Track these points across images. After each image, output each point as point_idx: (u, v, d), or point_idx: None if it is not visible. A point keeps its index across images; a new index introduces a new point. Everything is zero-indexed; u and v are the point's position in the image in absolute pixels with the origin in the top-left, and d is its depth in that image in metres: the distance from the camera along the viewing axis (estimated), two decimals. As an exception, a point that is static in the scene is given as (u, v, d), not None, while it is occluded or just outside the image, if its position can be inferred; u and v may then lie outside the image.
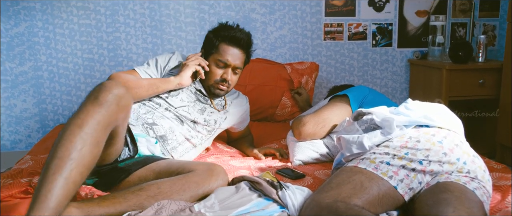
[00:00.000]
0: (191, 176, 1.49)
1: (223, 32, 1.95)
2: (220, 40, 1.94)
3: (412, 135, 1.50)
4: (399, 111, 1.64)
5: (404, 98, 3.26)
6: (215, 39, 1.95)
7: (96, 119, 1.29)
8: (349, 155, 1.55)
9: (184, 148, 1.87)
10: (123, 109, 1.38)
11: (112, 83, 1.38)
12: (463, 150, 1.47)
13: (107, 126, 1.33)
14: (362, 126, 1.65)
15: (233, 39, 1.93)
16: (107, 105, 1.32)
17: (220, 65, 1.94)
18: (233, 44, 1.93)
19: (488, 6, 3.27)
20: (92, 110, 1.30)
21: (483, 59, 2.94)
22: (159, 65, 1.99)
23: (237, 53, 1.94)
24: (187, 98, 1.94)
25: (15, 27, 2.85)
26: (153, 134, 1.78)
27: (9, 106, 2.93)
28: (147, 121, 1.80)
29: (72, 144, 1.23)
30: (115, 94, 1.35)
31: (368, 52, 3.22)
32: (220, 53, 1.93)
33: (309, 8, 3.09)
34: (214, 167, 1.56)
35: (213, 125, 1.99)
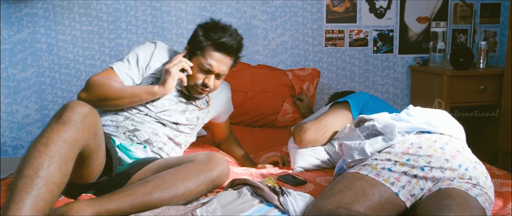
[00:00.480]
0: (192, 165, 1.52)
1: (213, 33, 1.77)
2: (208, 43, 1.77)
3: (413, 142, 1.50)
4: (401, 117, 1.65)
5: (405, 105, 3.26)
6: (203, 39, 1.78)
7: (61, 137, 1.27)
8: (351, 162, 1.55)
9: (169, 147, 1.85)
10: (89, 128, 1.35)
11: (76, 103, 1.36)
12: (465, 156, 1.47)
13: (75, 144, 1.30)
14: (364, 133, 1.66)
15: (221, 45, 1.77)
16: (72, 123, 1.30)
17: (203, 70, 1.78)
18: (221, 50, 1.78)
19: (489, 12, 3.28)
20: (56, 129, 1.28)
21: (484, 65, 2.95)
22: (141, 65, 1.82)
23: (223, 59, 1.79)
24: (168, 102, 1.83)
25: (18, 33, 2.86)
26: (137, 140, 1.75)
27: (11, 112, 2.94)
28: (128, 128, 1.74)
29: (39, 162, 1.20)
30: (80, 113, 1.33)
31: (369, 59, 3.22)
32: (205, 56, 1.77)
33: (310, 15, 3.10)
34: (212, 154, 1.58)
35: (195, 122, 1.92)
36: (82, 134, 1.32)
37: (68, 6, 2.88)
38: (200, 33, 1.79)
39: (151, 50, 1.84)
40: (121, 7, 2.93)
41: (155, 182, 1.43)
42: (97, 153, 1.46)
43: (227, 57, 1.80)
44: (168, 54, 1.87)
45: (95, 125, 1.39)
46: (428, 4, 3.20)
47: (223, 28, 1.80)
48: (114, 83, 1.72)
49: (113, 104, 1.72)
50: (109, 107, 1.74)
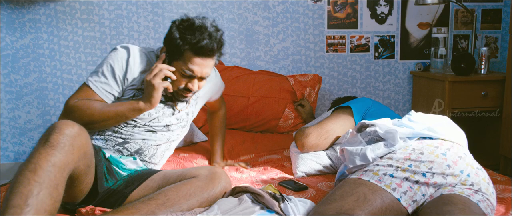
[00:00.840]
0: (195, 181, 1.48)
1: (189, 35, 1.59)
2: (186, 47, 1.60)
3: (415, 147, 1.50)
4: (402, 123, 1.65)
5: (406, 110, 3.26)
6: (181, 43, 1.60)
7: (50, 161, 1.22)
8: (352, 167, 1.55)
9: (161, 150, 1.80)
10: (79, 149, 1.30)
11: (64, 124, 1.30)
12: (467, 162, 1.47)
13: (64, 168, 1.25)
14: (365, 138, 1.66)
15: (201, 49, 1.60)
16: (61, 146, 1.25)
17: (184, 75, 1.64)
18: (201, 54, 1.61)
19: (490, 18, 3.28)
20: (44, 153, 1.23)
21: (485, 71, 2.95)
22: (118, 77, 1.65)
23: (205, 62, 1.64)
24: (154, 110, 1.72)
25: (20, 39, 2.88)
26: (127, 152, 1.70)
27: (13, 117, 2.95)
28: (117, 141, 1.68)
29: (28, 190, 1.15)
30: (68, 135, 1.28)
31: (370, 64, 3.23)
32: (185, 62, 1.62)
33: (311, 21, 3.11)
34: (215, 171, 1.55)
35: (186, 117, 1.84)
36: (71, 156, 1.28)
37: (70, 12, 2.89)
38: (177, 35, 1.61)
39: (125, 58, 1.67)
40: (123, 13, 2.94)
41: (158, 200, 1.41)
42: (86, 173, 1.43)
43: (209, 59, 1.65)
44: (145, 58, 1.71)
45: (85, 145, 1.34)
46: (429, 10, 3.20)
47: (200, 28, 1.61)
48: (95, 105, 1.59)
49: (98, 126, 1.63)
50: (95, 129, 1.65)
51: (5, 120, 2.95)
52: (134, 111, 1.62)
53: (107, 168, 1.63)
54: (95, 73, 1.67)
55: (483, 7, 3.26)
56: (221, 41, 1.67)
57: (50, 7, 2.87)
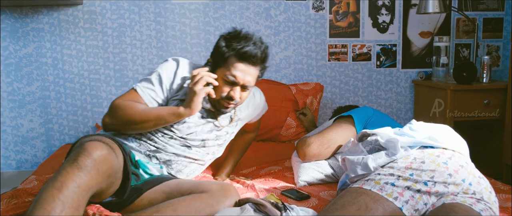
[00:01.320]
0: (205, 198, 1.47)
1: (235, 43, 1.66)
2: (231, 53, 1.66)
3: (416, 156, 1.50)
4: (404, 132, 1.65)
5: (408, 119, 3.26)
6: (226, 50, 1.67)
7: (76, 182, 1.25)
8: (354, 176, 1.55)
9: (191, 169, 1.82)
10: (103, 173, 1.33)
11: (93, 146, 1.33)
12: (469, 171, 1.47)
13: (88, 191, 1.28)
14: (367, 147, 1.66)
15: (245, 55, 1.65)
16: (87, 170, 1.28)
17: (227, 82, 1.67)
18: (245, 60, 1.66)
19: (491, 27, 3.29)
20: (71, 173, 1.26)
21: (487, 79, 2.95)
22: (165, 85, 1.72)
23: (247, 69, 1.67)
24: (194, 124, 1.75)
25: (23, 48, 2.89)
26: (156, 160, 1.73)
27: (16, 126, 2.96)
28: (150, 148, 1.71)
29: (51, 207, 1.18)
30: (95, 159, 1.30)
31: (372, 73, 3.23)
32: (228, 68, 1.66)
33: (313, 30, 3.12)
34: (227, 188, 1.53)
35: (224, 137, 1.87)
36: (96, 180, 1.30)
37: (73, 21, 2.91)
38: (223, 44, 1.69)
39: (174, 69, 1.74)
40: (125, 22, 2.95)
41: (165, 212, 1.41)
42: (110, 186, 1.44)
43: (252, 67, 1.68)
44: (191, 69, 1.76)
45: (110, 169, 1.36)
46: (431, 19, 3.21)
47: (246, 37, 1.69)
48: (137, 106, 1.65)
49: (138, 128, 1.66)
50: (134, 130, 1.68)
51: (7, 129, 2.95)
52: (174, 116, 1.63)
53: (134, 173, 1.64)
54: (144, 80, 1.74)
55: (485, 16, 3.27)
56: (266, 52, 1.72)
57: (54, 16, 2.89)
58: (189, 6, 2.99)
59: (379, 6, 3.16)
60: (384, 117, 2.13)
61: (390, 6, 3.17)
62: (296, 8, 3.08)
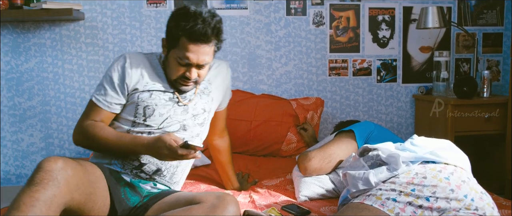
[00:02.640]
0: (196, 208, 1.44)
1: (184, 22, 1.57)
2: (180, 34, 1.59)
3: (418, 171, 1.49)
4: (405, 147, 1.64)
5: (409, 134, 3.25)
6: (175, 30, 1.61)
7: (34, 197, 1.26)
8: (355, 192, 1.55)
9: (183, 166, 1.77)
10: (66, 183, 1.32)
11: (46, 162, 1.34)
12: (471, 186, 1.46)
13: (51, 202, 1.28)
14: (368, 162, 1.65)
15: (194, 34, 1.57)
16: (44, 182, 1.29)
17: (181, 64, 1.63)
18: (195, 40, 1.58)
19: (491, 42, 3.30)
20: (28, 191, 1.28)
21: (488, 94, 2.95)
22: (117, 85, 1.67)
23: (200, 49, 1.60)
24: (164, 108, 1.69)
25: (25, 63, 2.90)
26: (146, 175, 1.68)
27: (16, 140, 2.95)
28: (134, 164, 1.66)
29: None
30: (50, 171, 1.31)
31: (373, 88, 3.23)
32: (180, 49, 1.60)
33: (314, 45, 3.13)
34: (223, 197, 1.48)
35: (202, 114, 1.79)
36: (57, 190, 1.30)
37: (75, 36, 2.93)
38: (172, 24, 1.63)
39: (121, 64, 1.69)
40: (127, 37, 2.97)
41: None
42: (91, 200, 1.43)
43: (205, 45, 1.61)
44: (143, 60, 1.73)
45: (73, 177, 1.35)
46: (431, 34, 3.23)
47: (195, 14, 1.58)
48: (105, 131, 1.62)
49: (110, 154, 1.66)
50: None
51: (8, 143, 2.95)
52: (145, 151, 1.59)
53: (130, 186, 1.64)
54: (97, 87, 1.72)
55: (484, 31, 3.28)
56: (218, 27, 1.62)
57: (55, 31, 2.91)
58: (190, 22, 3.01)
59: (379, 21, 3.18)
60: (385, 132, 2.13)
61: (390, 22, 3.18)
62: (296, 23, 3.10)
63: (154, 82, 1.71)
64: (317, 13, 3.10)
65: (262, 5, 3.05)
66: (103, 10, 2.93)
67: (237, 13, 3.03)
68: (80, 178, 1.39)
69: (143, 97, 1.67)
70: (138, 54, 1.75)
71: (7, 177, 2.97)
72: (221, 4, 3.01)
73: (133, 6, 2.95)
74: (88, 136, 1.63)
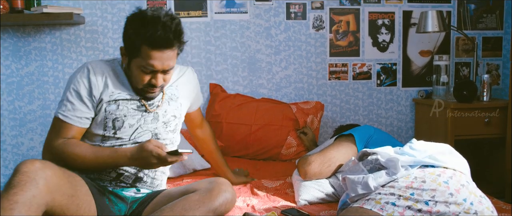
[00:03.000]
0: (192, 196, 1.45)
1: (143, 30, 1.52)
2: (141, 42, 1.54)
3: (417, 176, 1.49)
4: (404, 151, 1.64)
5: (409, 138, 3.25)
6: (135, 39, 1.55)
7: (12, 200, 1.25)
8: (355, 196, 1.55)
9: (161, 169, 1.75)
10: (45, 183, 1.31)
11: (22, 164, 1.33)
12: (470, 190, 1.46)
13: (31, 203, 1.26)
14: (367, 166, 1.65)
15: (156, 42, 1.52)
16: (21, 184, 1.27)
17: (146, 71, 1.58)
18: (158, 47, 1.54)
19: (491, 45, 3.31)
20: (5, 195, 1.26)
21: (487, 98, 2.95)
22: (85, 98, 1.62)
23: (164, 55, 1.56)
24: (133, 119, 1.66)
25: (25, 67, 2.91)
26: (125, 184, 1.66)
27: (16, 144, 2.95)
28: (111, 176, 1.64)
29: None
30: (26, 172, 1.30)
31: (373, 92, 3.24)
32: (143, 58, 1.55)
33: (313, 49, 3.14)
34: (217, 182, 1.50)
35: (173, 121, 1.78)
36: (36, 190, 1.28)
37: (75, 40, 2.93)
38: (131, 32, 1.57)
39: (86, 75, 1.63)
40: (127, 41, 2.97)
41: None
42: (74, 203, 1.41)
43: (168, 51, 1.57)
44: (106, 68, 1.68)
45: (51, 177, 1.33)
46: (430, 38, 3.23)
47: (153, 20, 1.53)
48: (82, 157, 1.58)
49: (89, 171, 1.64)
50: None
51: (8, 147, 2.95)
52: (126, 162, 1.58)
53: (113, 194, 1.62)
54: (61, 103, 1.63)
55: (484, 35, 3.29)
56: (178, 29, 1.58)
57: (56, 35, 2.92)
58: (190, 26, 3.02)
59: (379, 25, 3.18)
60: (385, 136, 2.13)
61: (390, 26, 3.19)
62: (296, 27, 3.11)
63: (119, 91, 1.66)
64: (317, 17, 3.11)
65: (262, 9, 3.06)
66: (104, 14, 2.94)
67: (237, 17, 3.04)
68: (60, 178, 1.37)
69: (111, 110, 1.64)
70: (100, 62, 1.69)
71: (6, 181, 2.97)
72: (221, 8, 3.02)
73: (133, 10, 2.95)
74: (62, 156, 1.56)
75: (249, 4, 3.04)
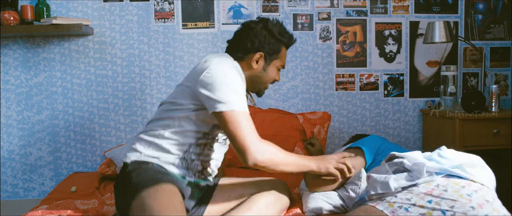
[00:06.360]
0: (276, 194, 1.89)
1: (284, 36, 1.83)
2: (283, 44, 1.84)
3: (440, 183, 1.45)
4: (432, 157, 1.59)
5: (417, 148, 3.23)
6: (278, 43, 1.82)
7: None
8: (373, 194, 1.52)
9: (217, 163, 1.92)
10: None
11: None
12: (494, 207, 1.40)
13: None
14: (392, 168, 1.62)
15: (290, 43, 1.87)
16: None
17: (280, 69, 1.89)
18: (288, 47, 1.89)
19: (499, 56, 3.29)
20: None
21: (496, 108, 2.93)
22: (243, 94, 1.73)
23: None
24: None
25: (34, 77, 2.93)
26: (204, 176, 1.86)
27: (25, 154, 2.97)
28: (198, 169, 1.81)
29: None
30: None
31: (380, 102, 3.23)
32: (281, 58, 1.85)
33: (320, 59, 3.14)
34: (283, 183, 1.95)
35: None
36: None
37: (84, 51, 2.96)
38: (276, 37, 1.81)
39: (239, 73, 1.74)
40: (135, 52, 3.00)
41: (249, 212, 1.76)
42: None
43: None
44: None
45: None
46: (438, 48, 3.23)
47: (284, 26, 1.86)
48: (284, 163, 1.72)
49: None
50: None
51: (16, 157, 2.97)
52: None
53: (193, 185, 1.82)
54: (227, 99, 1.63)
55: (492, 45, 3.28)
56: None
57: (64, 46, 2.94)
58: (197, 36, 3.03)
59: (386, 36, 3.18)
60: (392, 146, 2.11)
61: (396, 36, 3.19)
62: (303, 38, 3.11)
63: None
64: (323, 28, 3.12)
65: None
66: (112, 25, 2.97)
67: (244, 28, 3.05)
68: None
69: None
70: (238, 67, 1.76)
71: (15, 191, 2.99)
72: (229, 19, 3.03)
73: (141, 21, 2.98)
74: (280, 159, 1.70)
75: (256, 15, 3.05)
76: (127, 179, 1.67)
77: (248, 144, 1.61)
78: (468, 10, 3.23)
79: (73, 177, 2.69)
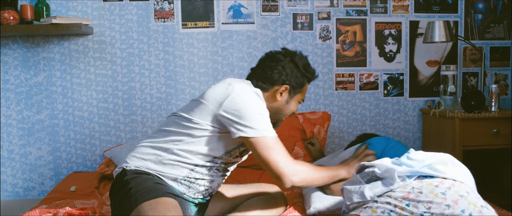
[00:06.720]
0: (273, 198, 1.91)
1: (308, 71, 1.86)
2: (307, 79, 1.88)
3: (414, 186, 1.47)
4: (402, 161, 1.61)
5: (417, 148, 3.23)
6: (303, 77, 1.85)
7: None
8: (350, 204, 1.54)
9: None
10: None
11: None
12: (469, 201, 1.42)
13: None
14: (364, 178, 1.64)
15: (314, 78, 1.92)
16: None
17: (300, 102, 1.92)
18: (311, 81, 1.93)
19: (499, 55, 3.29)
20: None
21: (496, 108, 2.92)
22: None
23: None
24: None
25: (34, 77, 2.94)
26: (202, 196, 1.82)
27: (24, 153, 2.97)
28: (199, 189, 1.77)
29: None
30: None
31: (380, 102, 3.23)
32: (303, 92, 1.89)
33: (320, 59, 3.14)
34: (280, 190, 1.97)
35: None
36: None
37: (83, 50, 2.96)
38: (301, 71, 1.83)
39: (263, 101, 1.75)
40: (134, 51, 3.00)
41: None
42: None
43: None
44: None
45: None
46: (438, 48, 3.22)
47: (308, 61, 1.89)
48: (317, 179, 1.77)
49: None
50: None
51: (16, 156, 2.97)
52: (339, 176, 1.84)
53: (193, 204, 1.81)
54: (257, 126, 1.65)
55: (491, 45, 3.27)
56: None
57: (64, 46, 2.95)
58: (197, 36, 3.03)
59: (386, 35, 3.18)
60: (398, 146, 2.11)
61: (396, 36, 3.19)
62: (303, 37, 3.11)
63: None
64: (323, 27, 3.12)
65: (269, 19, 3.08)
66: (112, 25, 2.97)
67: (244, 27, 3.06)
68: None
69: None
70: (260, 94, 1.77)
71: (15, 190, 2.99)
72: (228, 18, 3.04)
73: (141, 21, 2.99)
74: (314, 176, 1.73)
75: (256, 15, 3.06)
76: (124, 188, 1.63)
77: (283, 168, 1.63)
78: (468, 10, 3.23)
79: (73, 177, 2.70)
